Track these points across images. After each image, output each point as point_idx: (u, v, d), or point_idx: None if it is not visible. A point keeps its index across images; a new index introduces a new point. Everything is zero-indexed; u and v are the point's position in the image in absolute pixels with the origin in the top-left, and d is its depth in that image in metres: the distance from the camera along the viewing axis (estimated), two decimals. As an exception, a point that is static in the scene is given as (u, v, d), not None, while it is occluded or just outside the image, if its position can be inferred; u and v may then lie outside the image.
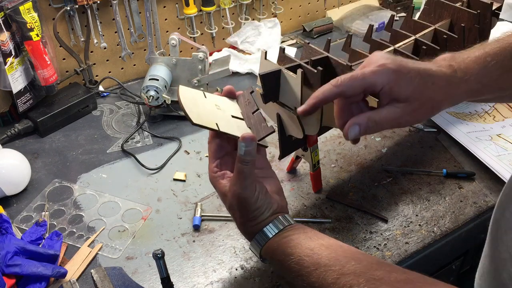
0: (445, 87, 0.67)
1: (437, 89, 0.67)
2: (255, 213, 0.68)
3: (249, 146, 0.66)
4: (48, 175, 1.02)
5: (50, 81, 1.11)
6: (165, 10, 1.31)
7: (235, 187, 0.67)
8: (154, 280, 0.81)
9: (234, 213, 0.70)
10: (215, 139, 0.73)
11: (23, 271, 0.76)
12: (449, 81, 0.68)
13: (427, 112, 0.69)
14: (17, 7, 1.00)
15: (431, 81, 0.66)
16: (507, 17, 1.50)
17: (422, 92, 0.66)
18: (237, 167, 0.67)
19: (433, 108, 0.69)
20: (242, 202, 0.68)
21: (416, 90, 0.66)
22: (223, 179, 0.71)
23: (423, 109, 0.68)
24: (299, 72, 0.76)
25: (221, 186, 0.71)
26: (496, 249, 0.68)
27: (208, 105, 0.74)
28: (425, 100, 0.67)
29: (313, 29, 1.55)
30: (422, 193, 0.97)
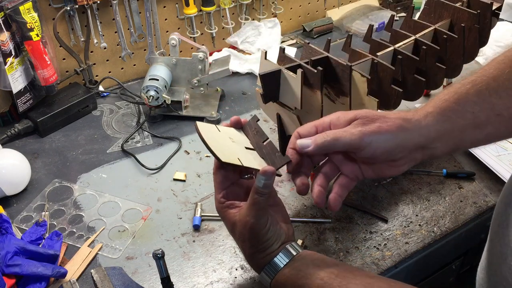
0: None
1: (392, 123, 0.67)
2: (265, 245, 0.68)
3: (269, 179, 0.65)
4: (48, 175, 1.02)
5: (50, 81, 1.11)
6: (165, 10, 1.31)
7: (248, 218, 0.66)
8: (154, 280, 0.81)
9: (244, 244, 0.69)
10: (220, 170, 0.71)
11: (23, 271, 0.76)
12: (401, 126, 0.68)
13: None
14: (17, 7, 1.00)
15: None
16: (507, 17, 1.50)
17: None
18: (252, 198, 0.66)
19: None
20: (253, 233, 0.67)
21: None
22: (232, 208, 0.70)
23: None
24: (299, 72, 0.76)
25: (231, 216, 0.69)
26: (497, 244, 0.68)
27: (223, 139, 0.73)
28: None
29: (313, 29, 1.55)
30: (422, 193, 0.97)
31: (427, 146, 0.68)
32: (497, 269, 0.67)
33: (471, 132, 0.68)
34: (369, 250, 0.86)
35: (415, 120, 0.67)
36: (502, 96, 0.66)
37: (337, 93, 0.86)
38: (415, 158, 0.69)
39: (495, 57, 0.71)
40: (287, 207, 0.94)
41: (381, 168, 0.69)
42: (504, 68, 0.67)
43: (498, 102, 0.66)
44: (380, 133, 0.65)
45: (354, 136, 0.64)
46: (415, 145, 0.67)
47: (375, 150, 0.65)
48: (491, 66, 0.69)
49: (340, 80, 0.84)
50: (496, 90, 0.67)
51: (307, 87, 0.80)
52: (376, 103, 0.85)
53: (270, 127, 1.16)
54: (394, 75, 0.90)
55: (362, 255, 0.85)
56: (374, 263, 0.84)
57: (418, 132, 0.66)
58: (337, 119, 0.68)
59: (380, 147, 0.65)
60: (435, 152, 0.69)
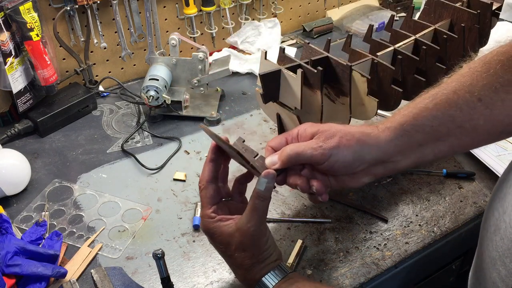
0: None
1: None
2: (265, 254, 0.68)
3: (271, 182, 0.66)
4: (48, 175, 1.02)
5: (50, 81, 1.11)
6: (165, 10, 1.31)
7: (249, 224, 0.65)
8: (154, 280, 0.81)
9: (244, 255, 0.67)
10: (211, 184, 0.70)
11: (23, 271, 0.76)
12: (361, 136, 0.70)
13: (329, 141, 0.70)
14: (17, 7, 1.00)
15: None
16: (507, 17, 1.50)
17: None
18: (253, 204, 0.66)
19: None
20: (254, 241, 0.66)
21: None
22: (224, 221, 0.68)
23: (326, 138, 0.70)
24: (299, 72, 0.76)
25: (224, 228, 0.68)
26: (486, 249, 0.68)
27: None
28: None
29: (313, 29, 1.55)
30: (422, 193, 0.97)
31: (387, 160, 0.70)
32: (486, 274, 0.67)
33: (432, 145, 0.69)
34: (369, 250, 0.86)
35: (374, 135, 0.69)
36: (463, 109, 0.67)
37: (337, 93, 0.86)
38: (376, 172, 0.71)
39: (459, 70, 0.72)
40: (287, 207, 0.94)
41: (343, 180, 0.72)
42: (465, 81, 0.68)
43: (458, 114, 0.67)
44: (338, 147, 0.67)
45: (315, 151, 0.67)
46: (374, 159, 0.69)
47: (334, 164, 0.68)
48: (453, 79, 0.70)
49: (340, 80, 0.84)
50: (456, 103, 0.67)
51: (307, 87, 0.80)
52: (376, 103, 0.85)
53: (270, 127, 1.16)
54: (394, 75, 0.90)
55: (362, 255, 0.85)
56: (374, 263, 0.84)
57: (377, 147, 0.68)
58: (304, 131, 0.71)
59: (338, 161, 0.68)
60: (397, 166, 0.71)
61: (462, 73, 0.70)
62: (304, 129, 0.71)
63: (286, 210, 0.93)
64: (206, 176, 0.70)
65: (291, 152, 0.68)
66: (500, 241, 0.64)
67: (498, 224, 0.66)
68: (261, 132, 1.14)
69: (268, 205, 0.67)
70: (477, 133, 0.68)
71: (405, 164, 0.70)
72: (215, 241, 0.70)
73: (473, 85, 0.67)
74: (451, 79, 0.70)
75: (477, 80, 0.67)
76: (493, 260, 0.65)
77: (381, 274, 0.83)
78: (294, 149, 0.68)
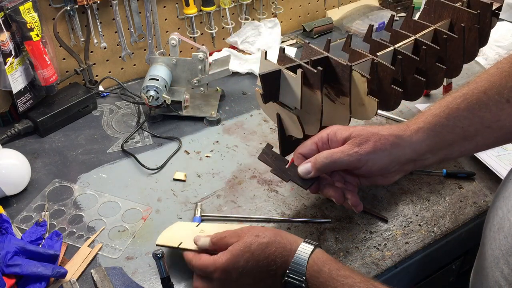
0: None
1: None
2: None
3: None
4: (48, 175, 1.02)
5: (50, 81, 1.11)
6: (165, 10, 1.31)
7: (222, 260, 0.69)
8: (154, 280, 0.81)
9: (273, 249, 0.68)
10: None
11: (23, 271, 0.76)
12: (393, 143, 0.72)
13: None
14: (17, 7, 1.00)
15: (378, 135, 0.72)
16: (507, 17, 1.50)
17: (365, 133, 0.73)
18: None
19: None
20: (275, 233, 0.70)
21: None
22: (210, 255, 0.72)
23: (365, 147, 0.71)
24: (299, 72, 0.76)
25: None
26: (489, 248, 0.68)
27: (189, 230, 0.81)
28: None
29: (313, 29, 1.55)
30: (422, 193, 0.97)
31: (418, 159, 0.73)
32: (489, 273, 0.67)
33: (460, 144, 0.72)
34: (369, 250, 0.86)
35: (406, 136, 0.71)
36: (492, 110, 0.68)
37: (337, 93, 0.86)
38: (407, 169, 0.75)
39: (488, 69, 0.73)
40: (287, 207, 0.94)
41: (375, 180, 0.75)
42: (495, 81, 0.69)
43: (487, 115, 0.69)
44: (375, 152, 0.69)
45: (352, 157, 0.69)
46: (407, 160, 0.72)
47: (371, 167, 0.70)
48: (483, 78, 0.71)
49: (340, 80, 0.84)
50: (486, 104, 0.69)
51: (307, 87, 0.80)
52: (376, 103, 0.85)
53: (270, 127, 1.16)
54: (394, 75, 0.90)
55: (362, 255, 0.85)
56: (374, 263, 0.84)
57: (410, 148, 0.71)
58: (334, 134, 0.73)
59: (376, 165, 0.70)
60: (425, 163, 0.74)
61: (491, 72, 0.71)
62: (334, 133, 0.72)
63: (286, 210, 0.93)
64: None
65: (326, 160, 0.69)
66: (503, 239, 0.64)
67: (502, 223, 0.66)
68: (261, 132, 1.14)
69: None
70: (502, 133, 0.70)
71: (433, 161, 0.73)
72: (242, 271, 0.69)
73: (502, 86, 0.68)
74: (480, 78, 0.71)
75: (506, 80, 0.69)
76: (496, 259, 0.65)
77: (381, 274, 0.83)
78: (329, 156, 0.70)
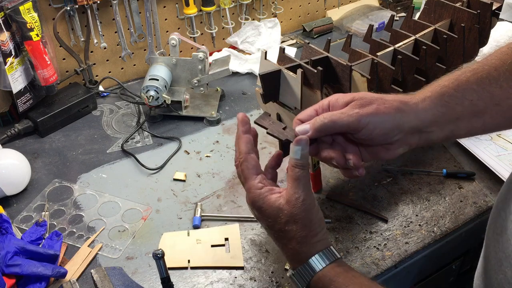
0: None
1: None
2: (317, 226, 0.65)
3: (305, 148, 0.64)
4: (48, 175, 1.02)
5: (50, 81, 1.11)
6: (165, 10, 1.31)
7: (297, 194, 0.63)
8: (154, 280, 0.81)
9: (296, 227, 0.64)
10: (250, 155, 0.68)
11: (23, 271, 0.76)
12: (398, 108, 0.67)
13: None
14: (17, 7, 1.00)
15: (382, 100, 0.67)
16: (507, 17, 1.50)
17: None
18: (293, 174, 0.64)
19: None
20: (306, 211, 0.63)
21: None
22: (273, 193, 0.65)
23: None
24: (299, 72, 0.76)
25: (272, 201, 0.65)
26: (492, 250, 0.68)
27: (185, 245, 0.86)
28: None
29: (313, 29, 1.55)
30: (422, 193, 0.97)
31: (423, 129, 0.68)
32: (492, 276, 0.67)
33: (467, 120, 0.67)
34: (369, 250, 0.86)
35: (412, 103, 0.67)
36: (503, 86, 0.66)
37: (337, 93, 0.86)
38: (411, 142, 0.68)
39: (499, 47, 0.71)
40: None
41: (377, 151, 0.69)
42: (506, 59, 0.67)
43: (497, 92, 0.66)
44: (377, 114, 0.65)
45: (352, 117, 0.64)
46: (411, 128, 0.67)
47: (372, 131, 0.65)
48: (494, 56, 0.69)
49: (340, 80, 0.84)
50: (496, 80, 0.66)
51: (307, 87, 0.80)
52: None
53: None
54: (394, 75, 0.90)
55: (362, 255, 0.85)
56: (374, 263, 0.84)
57: (415, 115, 0.66)
58: (335, 101, 0.68)
59: (377, 128, 0.65)
60: (431, 136, 0.68)
61: (502, 51, 0.69)
62: (336, 99, 0.68)
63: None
64: (243, 149, 0.68)
65: (324, 120, 0.65)
66: (506, 242, 0.64)
67: (504, 225, 0.65)
68: (261, 132, 1.14)
69: (308, 173, 0.64)
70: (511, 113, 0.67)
71: (439, 136, 0.69)
72: (263, 214, 0.66)
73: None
74: (492, 56, 0.69)
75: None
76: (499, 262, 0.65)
77: (381, 274, 0.83)
78: (328, 117, 0.65)
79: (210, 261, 0.83)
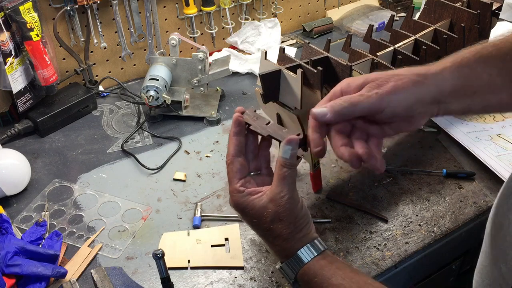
0: (411, 83, 0.66)
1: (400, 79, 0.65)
2: (301, 222, 0.66)
3: (295, 148, 0.65)
4: (48, 175, 1.02)
5: (50, 81, 1.11)
6: (165, 10, 1.31)
7: (282, 193, 0.64)
8: (154, 280, 0.81)
9: (280, 225, 0.65)
10: (237, 158, 0.69)
11: (23, 271, 0.76)
12: (413, 80, 0.66)
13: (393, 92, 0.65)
14: (17, 7, 1.00)
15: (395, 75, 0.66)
16: (507, 17, 1.50)
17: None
18: (280, 173, 0.64)
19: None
20: (290, 209, 0.64)
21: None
22: (254, 195, 0.67)
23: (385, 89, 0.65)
24: (299, 72, 0.76)
25: (256, 201, 0.66)
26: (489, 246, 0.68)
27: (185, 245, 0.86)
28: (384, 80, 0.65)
29: (313, 29, 1.55)
30: (422, 193, 0.97)
31: (442, 100, 0.66)
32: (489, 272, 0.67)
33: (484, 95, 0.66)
34: (369, 250, 0.86)
35: (430, 74, 0.66)
36: None
37: (337, 93, 0.86)
38: (432, 111, 0.67)
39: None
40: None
41: (400, 126, 0.67)
42: None
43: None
44: (397, 92, 0.63)
45: (372, 99, 0.62)
46: (432, 98, 0.65)
47: (395, 109, 0.63)
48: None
49: (340, 80, 0.84)
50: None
51: (307, 87, 0.80)
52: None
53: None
54: (394, 75, 0.90)
55: (362, 255, 0.85)
56: (374, 263, 0.84)
57: (435, 85, 0.65)
58: (347, 85, 0.66)
59: (400, 106, 0.63)
60: (450, 107, 0.67)
61: None
62: (347, 83, 0.66)
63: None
64: (231, 151, 0.69)
65: (344, 103, 0.63)
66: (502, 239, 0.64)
67: (502, 222, 0.65)
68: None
69: (295, 172, 0.65)
70: None
71: (456, 109, 0.67)
72: (247, 215, 0.67)
73: None
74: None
75: None
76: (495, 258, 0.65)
77: (381, 274, 0.83)
78: (347, 100, 0.63)
79: (210, 261, 0.83)
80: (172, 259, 0.83)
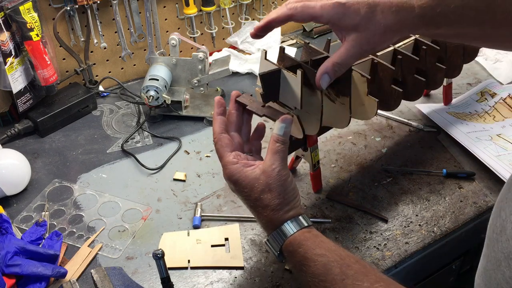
0: (395, 12, 0.68)
1: (386, 14, 0.68)
2: (290, 195, 0.69)
3: (288, 127, 0.70)
4: (48, 175, 1.02)
5: (50, 81, 1.11)
6: (165, 10, 1.31)
7: (274, 166, 0.68)
8: (154, 280, 0.81)
9: (270, 195, 0.68)
10: (222, 134, 0.73)
11: (23, 271, 0.76)
12: (399, 6, 0.68)
13: (381, 38, 0.70)
14: (17, 7, 1.00)
15: (380, 8, 0.68)
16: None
17: (370, 19, 0.68)
18: (273, 147, 0.69)
19: (386, 33, 0.69)
20: (280, 181, 0.68)
21: (363, 18, 0.68)
22: (248, 167, 0.70)
23: (376, 35, 0.69)
24: (299, 72, 0.76)
25: (249, 173, 0.69)
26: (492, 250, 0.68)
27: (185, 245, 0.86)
28: (374, 26, 0.68)
29: (313, 29, 1.55)
30: (422, 193, 0.97)
31: (429, 21, 0.67)
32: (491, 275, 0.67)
33: (471, 19, 0.66)
34: (369, 250, 0.86)
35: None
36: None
37: (337, 93, 0.86)
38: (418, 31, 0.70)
39: None
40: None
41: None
42: None
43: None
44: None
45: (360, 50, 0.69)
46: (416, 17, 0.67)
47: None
48: None
49: (340, 80, 0.84)
50: None
51: (307, 87, 0.80)
52: (376, 103, 0.85)
53: (270, 127, 1.16)
54: (394, 75, 0.90)
55: (362, 255, 0.85)
56: (374, 263, 0.84)
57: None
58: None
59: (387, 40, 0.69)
60: (438, 31, 0.69)
61: None
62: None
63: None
64: (216, 129, 0.73)
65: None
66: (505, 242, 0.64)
67: (504, 225, 0.65)
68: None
69: (287, 148, 0.70)
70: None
71: (445, 33, 0.69)
72: (239, 185, 0.70)
73: None
74: None
75: None
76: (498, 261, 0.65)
77: (381, 274, 0.83)
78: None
79: (210, 261, 0.83)
80: (172, 259, 0.82)
